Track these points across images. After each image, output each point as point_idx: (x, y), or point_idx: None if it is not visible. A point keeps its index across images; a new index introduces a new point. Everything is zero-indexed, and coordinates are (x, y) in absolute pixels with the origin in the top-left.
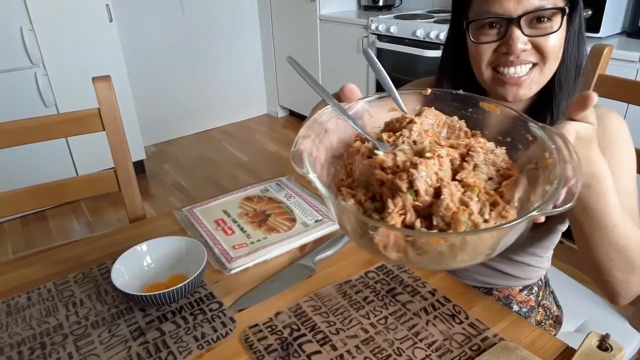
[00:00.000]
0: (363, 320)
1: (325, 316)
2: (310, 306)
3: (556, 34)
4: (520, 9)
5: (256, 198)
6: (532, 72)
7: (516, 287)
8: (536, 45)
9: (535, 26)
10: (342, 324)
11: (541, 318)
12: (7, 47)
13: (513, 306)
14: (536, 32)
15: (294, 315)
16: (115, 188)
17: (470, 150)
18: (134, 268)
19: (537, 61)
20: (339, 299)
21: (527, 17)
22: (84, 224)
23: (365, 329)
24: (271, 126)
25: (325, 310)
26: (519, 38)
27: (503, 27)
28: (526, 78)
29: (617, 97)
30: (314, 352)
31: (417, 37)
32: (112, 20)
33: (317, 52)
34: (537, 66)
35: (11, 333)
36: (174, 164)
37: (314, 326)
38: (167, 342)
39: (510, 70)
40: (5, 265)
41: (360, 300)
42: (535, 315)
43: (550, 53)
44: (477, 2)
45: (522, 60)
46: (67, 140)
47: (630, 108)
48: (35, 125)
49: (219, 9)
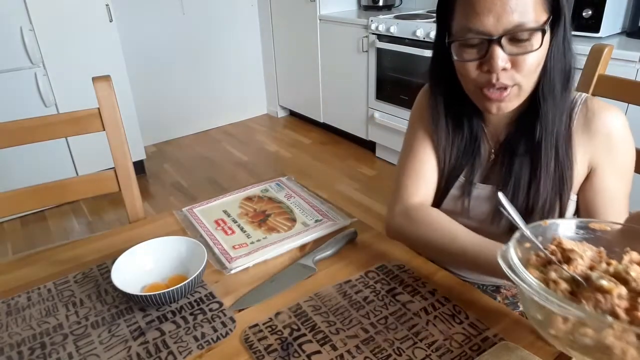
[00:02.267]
0: (363, 320)
1: (326, 316)
2: (310, 306)
3: (537, 52)
4: (500, 27)
5: (256, 198)
6: (512, 90)
7: None
8: (515, 63)
9: (516, 44)
10: (342, 324)
11: None
12: (7, 47)
13: (520, 305)
14: (516, 50)
15: (294, 315)
16: (115, 188)
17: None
18: (134, 268)
19: (515, 82)
20: (339, 299)
21: (508, 36)
22: (84, 224)
23: (366, 328)
24: (271, 126)
25: (325, 310)
26: (499, 57)
27: (484, 46)
28: (507, 94)
29: (617, 97)
30: (314, 352)
31: (417, 37)
32: (112, 20)
33: (317, 52)
34: (515, 85)
35: (11, 333)
36: (174, 164)
37: (314, 326)
38: (167, 342)
39: (492, 89)
40: (5, 265)
41: (360, 300)
42: None
43: (528, 71)
44: (459, 17)
45: (501, 83)
46: (67, 140)
47: (630, 108)
48: (35, 125)
49: (219, 9)
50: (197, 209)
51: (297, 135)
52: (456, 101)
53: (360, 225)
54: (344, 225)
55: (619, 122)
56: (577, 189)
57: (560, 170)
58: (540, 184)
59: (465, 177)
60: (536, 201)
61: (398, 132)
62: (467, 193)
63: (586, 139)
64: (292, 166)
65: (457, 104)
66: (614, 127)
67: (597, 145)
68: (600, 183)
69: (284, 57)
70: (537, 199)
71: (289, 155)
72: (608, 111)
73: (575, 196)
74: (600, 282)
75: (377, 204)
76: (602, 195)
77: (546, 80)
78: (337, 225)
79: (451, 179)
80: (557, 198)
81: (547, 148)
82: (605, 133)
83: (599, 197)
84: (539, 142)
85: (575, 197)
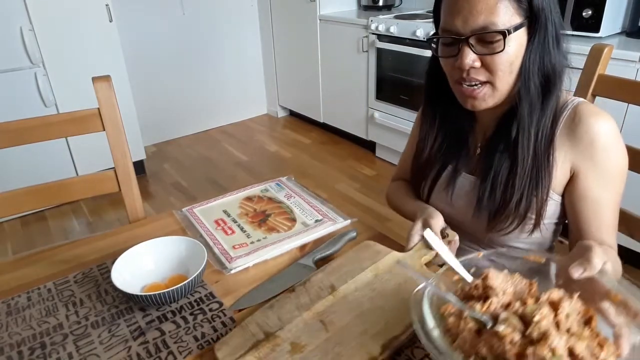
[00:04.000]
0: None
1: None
2: None
3: (504, 53)
4: (467, 28)
5: (256, 198)
6: (484, 88)
7: None
8: (485, 62)
9: (485, 45)
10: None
11: None
12: (7, 47)
13: None
14: (485, 51)
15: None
16: (115, 188)
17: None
18: (134, 268)
19: (487, 79)
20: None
21: (476, 36)
22: (84, 224)
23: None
24: (271, 126)
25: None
26: (467, 55)
27: (456, 45)
28: (479, 92)
29: (617, 97)
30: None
31: (417, 37)
32: (112, 20)
33: (317, 52)
34: (487, 83)
35: (11, 333)
36: (174, 164)
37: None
38: (167, 342)
39: (464, 84)
40: (5, 265)
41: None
42: None
43: (499, 70)
44: (442, 19)
45: (472, 78)
46: (67, 140)
47: (630, 108)
48: (35, 125)
49: (219, 9)
50: (197, 208)
51: (297, 135)
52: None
53: (360, 225)
54: (344, 225)
55: (605, 128)
56: (559, 189)
57: (536, 168)
58: (516, 180)
59: (452, 167)
60: (512, 196)
61: (398, 132)
62: (453, 182)
63: (570, 142)
64: (292, 166)
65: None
66: (599, 133)
67: (580, 150)
68: (582, 189)
69: (284, 57)
70: (512, 194)
71: (288, 155)
72: (595, 117)
73: (558, 196)
74: (497, 327)
75: (377, 204)
76: (585, 202)
77: (522, 81)
78: (337, 225)
79: (441, 169)
80: (532, 195)
81: (523, 147)
82: (589, 139)
83: (582, 203)
84: (515, 140)
85: (558, 198)
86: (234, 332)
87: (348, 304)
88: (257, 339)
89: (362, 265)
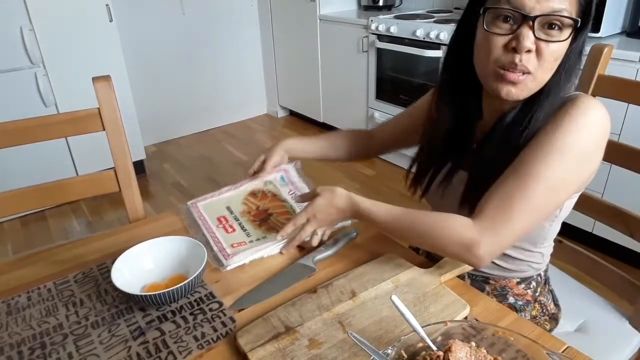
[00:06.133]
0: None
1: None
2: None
3: (561, 44)
4: (537, 8)
5: (260, 194)
6: (527, 78)
7: (512, 279)
8: (539, 49)
9: (546, 31)
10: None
11: (537, 313)
12: (7, 47)
13: (509, 297)
14: (544, 37)
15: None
16: (115, 188)
17: None
18: (134, 268)
19: (533, 70)
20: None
21: (541, 19)
22: (84, 224)
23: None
24: (271, 126)
25: None
26: (528, 37)
27: (516, 23)
28: (523, 79)
29: (617, 97)
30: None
31: (417, 37)
32: (112, 20)
33: (317, 52)
34: (531, 74)
35: (11, 333)
36: (174, 163)
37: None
38: (167, 342)
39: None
40: (5, 265)
41: None
42: (531, 310)
43: (547, 61)
44: None
45: (522, 66)
46: (67, 140)
47: (630, 108)
48: (35, 125)
49: (219, 9)
50: (201, 203)
51: (297, 135)
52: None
53: (360, 225)
54: (344, 225)
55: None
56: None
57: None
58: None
59: (451, 164)
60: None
61: None
62: (449, 178)
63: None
64: None
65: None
66: (579, 110)
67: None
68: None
69: (284, 57)
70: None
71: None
72: (587, 101)
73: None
74: None
75: None
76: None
77: (555, 80)
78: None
79: (441, 165)
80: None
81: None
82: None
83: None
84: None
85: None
86: (256, 323)
87: (367, 310)
88: (278, 331)
89: (384, 276)
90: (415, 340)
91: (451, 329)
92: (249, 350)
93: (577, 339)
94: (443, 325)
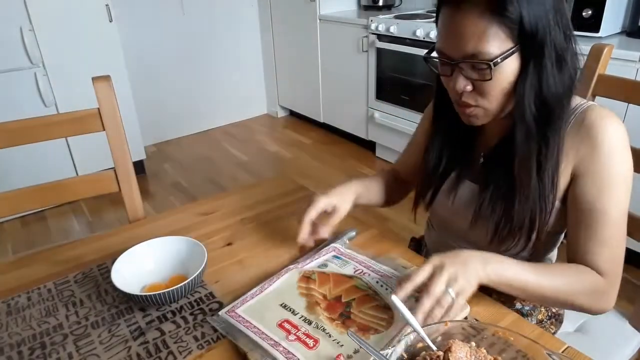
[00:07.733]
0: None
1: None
2: None
3: (493, 80)
4: (459, 53)
5: (316, 275)
6: (476, 109)
7: None
8: (476, 87)
9: (475, 71)
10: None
11: (543, 317)
12: (7, 47)
13: (516, 303)
14: (476, 76)
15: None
16: (115, 188)
17: None
18: (134, 268)
19: (477, 104)
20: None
21: (465, 62)
22: (84, 224)
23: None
24: (271, 126)
25: None
26: (459, 80)
27: (450, 68)
28: (472, 111)
29: (617, 97)
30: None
31: (417, 37)
32: (112, 20)
33: (317, 52)
34: (479, 107)
35: (11, 333)
36: (174, 163)
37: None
38: (167, 342)
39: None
40: (5, 265)
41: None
42: (537, 314)
43: (489, 95)
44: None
45: (463, 102)
46: (67, 140)
47: (630, 108)
48: (35, 125)
49: (219, 9)
50: (240, 308)
51: (297, 135)
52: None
53: (360, 225)
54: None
55: (613, 132)
56: (559, 195)
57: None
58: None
59: (456, 174)
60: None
61: (398, 132)
62: (455, 188)
63: (574, 145)
64: (292, 166)
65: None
66: (605, 136)
67: (583, 153)
68: (579, 194)
69: (284, 57)
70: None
71: (289, 156)
72: (604, 120)
73: (558, 203)
74: None
75: None
76: (579, 207)
77: (515, 108)
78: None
79: (444, 174)
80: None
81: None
82: (595, 141)
83: (576, 209)
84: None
85: (558, 204)
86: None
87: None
88: None
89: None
90: (415, 340)
91: (451, 329)
92: (249, 350)
93: (577, 339)
94: (443, 325)
